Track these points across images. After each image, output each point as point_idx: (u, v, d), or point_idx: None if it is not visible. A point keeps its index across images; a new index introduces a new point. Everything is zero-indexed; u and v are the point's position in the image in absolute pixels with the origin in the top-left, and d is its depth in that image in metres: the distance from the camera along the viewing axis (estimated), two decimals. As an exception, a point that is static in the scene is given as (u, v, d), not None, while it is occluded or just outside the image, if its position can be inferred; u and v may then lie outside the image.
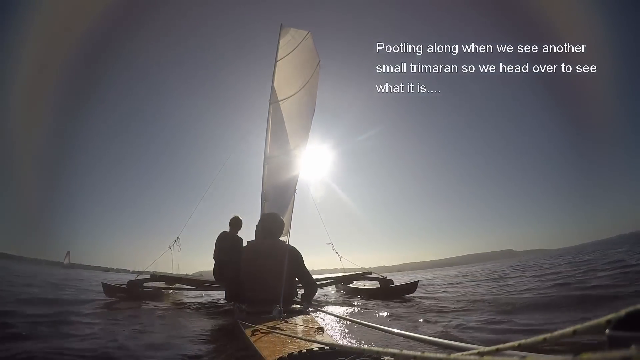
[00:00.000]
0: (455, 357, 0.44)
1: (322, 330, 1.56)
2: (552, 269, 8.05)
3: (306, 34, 7.41)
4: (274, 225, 2.85)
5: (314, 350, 1.01)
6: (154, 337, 2.48)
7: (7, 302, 3.67)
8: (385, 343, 2.00)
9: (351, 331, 2.36)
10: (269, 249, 2.61)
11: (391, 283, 5.65)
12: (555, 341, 0.37)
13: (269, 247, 2.64)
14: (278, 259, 2.56)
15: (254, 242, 2.77)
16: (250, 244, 2.75)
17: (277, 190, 6.79)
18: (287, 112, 7.13)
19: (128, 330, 2.64)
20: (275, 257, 2.56)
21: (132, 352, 1.90)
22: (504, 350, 0.44)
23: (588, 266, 6.82)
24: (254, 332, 1.48)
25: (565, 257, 14.10)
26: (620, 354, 0.34)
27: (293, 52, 7.48)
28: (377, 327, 1.29)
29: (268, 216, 2.95)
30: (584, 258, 10.40)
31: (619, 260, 7.05)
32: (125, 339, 2.24)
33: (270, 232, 2.81)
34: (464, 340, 1.98)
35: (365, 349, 0.69)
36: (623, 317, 0.35)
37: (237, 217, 5.20)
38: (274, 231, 2.82)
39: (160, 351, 2.01)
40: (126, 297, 4.73)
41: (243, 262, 2.56)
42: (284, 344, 1.30)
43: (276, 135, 7.16)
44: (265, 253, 2.59)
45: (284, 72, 7.53)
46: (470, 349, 0.63)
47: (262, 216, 2.96)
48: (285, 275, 2.33)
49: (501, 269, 11.84)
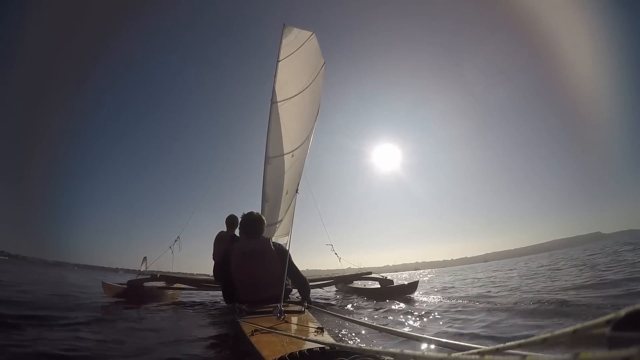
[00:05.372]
0: (456, 356, 0.44)
1: (322, 330, 1.56)
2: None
3: (310, 34, 7.38)
4: (253, 224, 2.78)
5: (314, 350, 1.01)
6: (154, 337, 2.48)
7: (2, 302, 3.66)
8: (385, 343, 2.01)
9: (351, 331, 2.36)
10: (256, 249, 2.56)
11: (391, 283, 5.65)
12: (556, 341, 0.37)
13: (254, 247, 2.59)
14: (267, 258, 2.53)
15: (239, 244, 2.72)
16: (236, 246, 2.69)
17: (278, 190, 6.79)
18: (289, 113, 7.12)
19: (128, 330, 2.65)
20: (264, 257, 2.53)
21: (131, 352, 1.90)
22: (504, 350, 0.44)
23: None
24: (253, 332, 1.48)
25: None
26: (620, 354, 0.34)
27: (296, 53, 7.46)
28: (377, 327, 1.30)
29: (247, 216, 2.85)
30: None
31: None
32: (125, 339, 2.24)
33: (253, 231, 2.76)
34: (464, 340, 1.97)
35: (365, 348, 0.69)
36: (623, 317, 0.35)
37: (233, 215, 5.20)
38: (253, 232, 2.76)
39: (160, 351, 2.01)
40: (126, 296, 4.73)
41: (232, 264, 2.53)
42: (284, 343, 1.30)
43: (277, 136, 7.16)
44: (253, 253, 2.54)
45: (287, 73, 7.52)
46: (470, 349, 0.63)
47: (242, 216, 2.88)
48: (280, 274, 2.31)
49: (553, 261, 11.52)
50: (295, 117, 6.97)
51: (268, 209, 6.73)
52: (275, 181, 6.88)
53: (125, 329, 2.69)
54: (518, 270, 10.42)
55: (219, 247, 4.92)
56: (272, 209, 6.71)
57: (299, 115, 6.85)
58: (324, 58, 6.75)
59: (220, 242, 4.96)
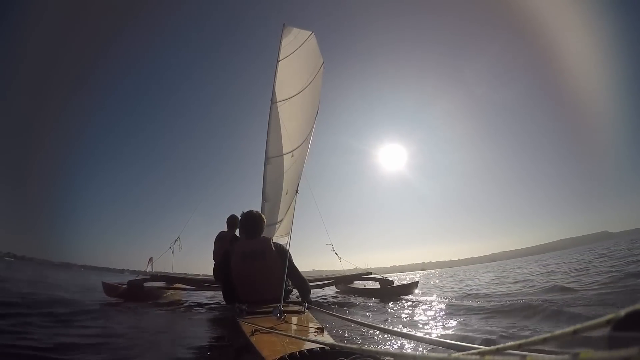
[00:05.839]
0: (456, 356, 0.44)
1: (322, 330, 1.56)
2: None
3: (309, 34, 7.38)
4: (253, 222, 2.74)
5: (314, 350, 1.01)
6: (154, 337, 2.48)
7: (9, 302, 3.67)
8: (386, 343, 2.01)
9: (351, 331, 2.36)
10: (256, 249, 2.54)
11: (391, 283, 5.66)
12: (556, 341, 0.37)
13: (255, 247, 2.57)
14: (267, 259, 2.51)
15: (240, 244, 2.70)
16: (236, 245, 2.67)
17: (278, 190, 6.78)
18: (289, 113, 7.11)
19: (128, 330, 2.65)
20: (264, 257, 2.51)
21: (131, 352, 1.90)
22: (504, 350, 0.44)
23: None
24: (253, 332, 1.48)
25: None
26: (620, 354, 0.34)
27: (295, 52, 7.47)
28: (377, 327, 1.29)
29: (246, 214, 2.80)
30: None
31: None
32: (125, 339, 2.24)
33: (253, 230, 2.73)
34: (464, 340, 1.98)
35: (365, 349, 0.69)
36: (623, 317, 0.35)
37: (234, 215, 5.18)
38: (251, 230, 2.73)
39: (160, 351, 2.01)
40: (127, 297, 4.73)
41: (232, 264, 2.51)
42: (284, 343, 1.30)
43: (277, 136, 7.15)
44: (253, 254, 2.52)
45: (286, 72, 7.51)
46: (470, 349, 0.63)
47: (242, 214, 2.83)
48: (280, 274, 2.29)
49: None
50: (294, 117, 6.96)
51: (268, 209, 6.73)
52: (275, 181, 6.87)
53: (125, 329, 2.69)
54: (534, 268, 10.29)
55: (219, 247, 4.91)
56: (272, 209, 6.71)
57: (298, 115, 6.84)
58: (322, 58, 6.75)
59: (220, 242, 4.95)
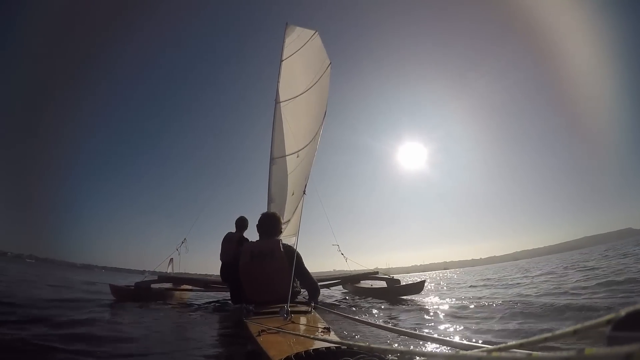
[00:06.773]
0: (463, 355, 0.45)
1: (328, 330, 1.57)
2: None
3: (313, 33, 7.34)
4: (268, 220, 2.78)
5: (321, 350, 1.02)
6: (161, 338, 2.51)
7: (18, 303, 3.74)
8: (392, 342, 2.01)
9: (358, 331, 2.37)
10: (265, 250, 2.55)
11: (398, 283, 5.64)
12: (556, 340, 0.38)
13: (264, 247, 2.58)
14: (275, 259, 2.51)
15: (249, 244, 2.72)
16: (246, 246, 2.70)
17: (283, 191, 6.78)
18: (294, 112, 7.09)
19: (135, 331, 2.68)
20: (272, 258, 2.51)
21: (139, 353, 1.92)
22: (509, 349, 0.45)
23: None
24: (260, 332, 1.49)
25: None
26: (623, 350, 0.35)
27: (299, 52, 7.44)
28: (384, 327, 1.30)
29: (262, 216, 2.86)
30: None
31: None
32: (132, 340, 2.27)
33: (265, 231, 2.75)
34: (469, 339, 1.97)
35: (372, 347, 0.69)
36: (623, 317, 0.36)
37: (243, 217, 5.21)
38: (268, 230, 2.75)
39: (167, 351, 2.04)
40: (134, 298, 4.78)
41: (240, 264, 2.53)
42: (291, 343, 1.31)
43: (282, 136, 7.14)
44: (261, 254, 2.53)
45: (290, 72, 7.49)
46: (475, 348, 0.63)
47: (260, 217, 2.89)
48: (287, 275, 2.30)
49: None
50: (299, 117, 6.93)
51: (274, 210, 6.74)
52: (280, 182, 6.87)
53: (132, 330, 2.72)
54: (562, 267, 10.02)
55: (227, 248, 4.95)
56: (277, 210, 6.71)
57: (303, 115, 6.82)
58: (329, 58, 6.70)
59: (227, 243, 4.99)
